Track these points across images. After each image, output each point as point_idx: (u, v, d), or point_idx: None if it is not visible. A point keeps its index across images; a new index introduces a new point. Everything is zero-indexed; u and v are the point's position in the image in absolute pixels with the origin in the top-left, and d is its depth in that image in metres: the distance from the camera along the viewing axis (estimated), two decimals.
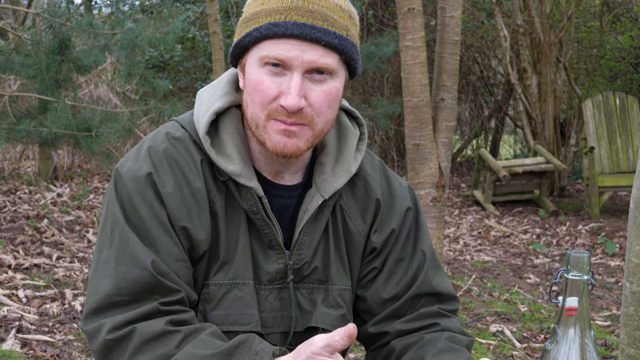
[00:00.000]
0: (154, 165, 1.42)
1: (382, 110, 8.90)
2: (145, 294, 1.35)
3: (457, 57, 4.60)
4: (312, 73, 1.37)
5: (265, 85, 1.37)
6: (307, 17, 1.35)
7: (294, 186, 1.52)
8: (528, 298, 4.90)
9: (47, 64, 5.37)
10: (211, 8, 6.33)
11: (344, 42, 1.38)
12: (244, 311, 1.46)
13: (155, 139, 1.48)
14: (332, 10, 1.38)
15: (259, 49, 1.37)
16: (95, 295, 1.37)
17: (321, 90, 1.38)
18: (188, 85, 10.59)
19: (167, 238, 1.39)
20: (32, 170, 8.90)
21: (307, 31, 1.34)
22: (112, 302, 1.35)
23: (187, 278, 1.41)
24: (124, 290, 1.35)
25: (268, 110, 1.38)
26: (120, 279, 1.35)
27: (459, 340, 1.52)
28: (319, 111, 1.39)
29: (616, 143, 8.48)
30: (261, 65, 1.38)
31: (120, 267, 1.36)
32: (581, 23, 10.82)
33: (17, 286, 4.39)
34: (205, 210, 1.42)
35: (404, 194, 1.61)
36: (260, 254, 1.49)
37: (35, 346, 3.51)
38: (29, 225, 5.90)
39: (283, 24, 1.35)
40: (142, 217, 1.39)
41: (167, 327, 1.32)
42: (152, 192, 1.40)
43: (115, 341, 1.32)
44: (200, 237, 1.42)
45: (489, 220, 7.92)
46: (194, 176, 1.43)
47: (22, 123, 5.50)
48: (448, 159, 4.60)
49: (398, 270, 1.57)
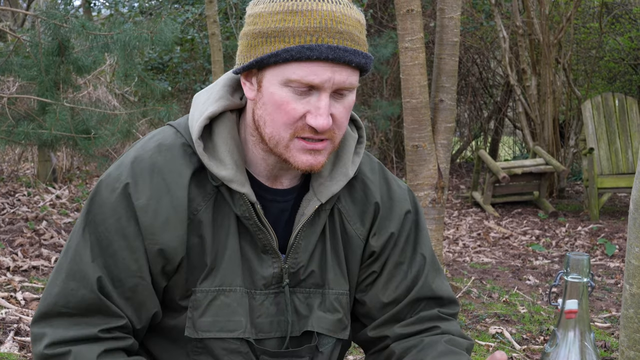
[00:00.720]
0: (134, 174, 1.42)
1: (381, 111, 8.90)
2: (90, 313, 1.40)
3: (456, 59, 4.60)
4: (336, 91, 1.38)
5: (291, 107, 1.35)
6: (337, 39, 1.33)
7: (290, 190, 1.51)
8: (527, 300, 4.90)
9: (46, 65, 5.36)
10: (210, 10, 6.32)
11: (368, 60, 1.39)
12: (231, 318, 1.45)
13: (143, 147, 1.47)
14: (355, 27, 1.37)
15: (286, 70, 1.34)
16: (45, 300, 1.42)
17: (343, 107, 1.39)
18: (187, 87, 10.59)
19: (127, 253, 1.40)
20: (31, 172, 8.89)
21: (341, 55, 1.33)
22: (59, 312, 1.41)
23: (143, 295, 1.43)
24: (70, 304, 1.40)
25: (293, 130, 1.37)
26: (68, 294, 1.40)
27: (458, 343, 1.51)
28: (340, 126, 1.40)
29: (615, 144, 8.48)
30: (286, 85, 1.35)
31: (70, 283, 1.40)
32: (580, 24, 10.82)
33: (16, 288, 4.39)
34: (183, 221, 1.42)
35: (403, 196, 1.60)
36: (255, 259, 1.48)
37: None
38: (28, 227, 5.89)
39: (317, 47, 1.32)
40: (109, 227, 1.40)
41: (100, 358, 1.37)
42: (125, 205, 1.40)
43: (50, 357, 1.38)
44: (175, 250, 1.42)
45: (488, 221, 7.92)
46: (177, 185, 1.42)
47: (21, 125, 5.49)
48: (447, 160, 4.60)
49: (397, 274, 1.56)
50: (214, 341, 1.45)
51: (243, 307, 1.46)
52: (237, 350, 1.46)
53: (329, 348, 1.55)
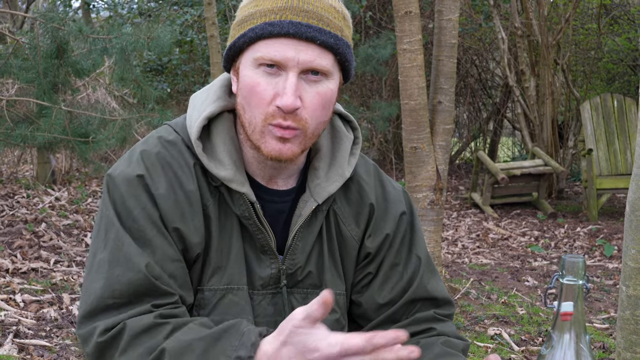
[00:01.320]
0: (146, 168, 1.42)
1: (380, 112, 8.90)
2: (139, 297, 1.34)
3: (455, 60, 4.60)
4: (307, 74, 1.37)
5: (262, 87, 1.36)
6: (302, 16, 1.35)
7: (288, 191, 1.52)
8: (526, 301, 4.90)
9: (44, 67, 5.37)
10: (209, 11, 6.33)
11: (339, 42, 1.38)
12: (239, 316, 1.45)
13: (147, 142, 1.47)
14: (326, 10, 1.38)
15: (254, 50, 1.37)
16: (88, 299, 1.36)
17: (315, 92, 1.37)
18: (186, 89, 10.60)
19: (162, 239, 1.38)
20: (30, 174, 8.90)
21: (303, 30, 1.34)
22: (105, 304, 1.34)
23: (184, 279, 1.41)
24: (117, 293, 1.33)
25: (265, 115, 1.37)
26: (114, 282, 1.34)
27: (454, 344, 1.52)
28: (312, 113, 1.38)
29: (614, 145, 8.48)
30: (256, 67, 1.37)
31: (114, 270, 1.34)
32: (579, 25, 10.83)
33: (15, 290, 4.39)
34: (198, 214, 1.42)
35: (398, 198, 1.60)
36: (254, 259, 1.49)
37: (32, 351, 3.51)
38: (27, 229, 5.89)
39: (279, 22, 1.34)
40: (136, 218, 1.38)
41: (156, 320, 1.30)
42: (145, 194, 1.39)
43: (107, 342, 1.31)
44: (194, 240, 1.42)
45: (487, 222, 7.92)
46: (187, 179, 1.42)
47: (19, 127, 5.49)
48: (446, 162, 4.60)
49: (393, 275, 1.57)
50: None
51: (249, 305, 1.47)
52: None
53: None
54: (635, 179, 1.90)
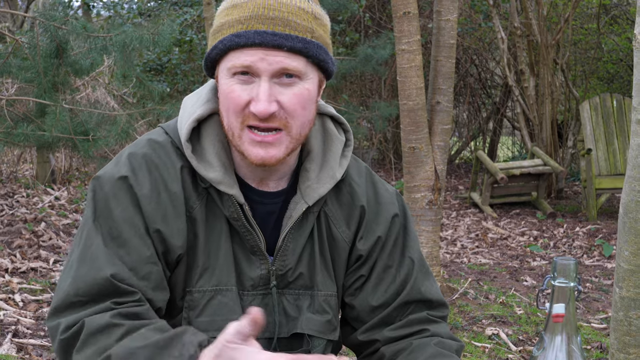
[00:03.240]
0: (132, 169, 1.44)
1: (380, 112, 8.89)
2: (102, 297, 1.36)
3: (453, 61, 4.62)
4: (280, 77, 1.38)
5: (236, 94, 1.39)
6: (267, 24, 1.36)
7: (278, 192, 1.53)
8: (524, 301, 4.91)
9: (44, 67, 5.38)
10: (208, 12, 6.34)
11: (308, 44, 1.39)
12: (229, 317, 1.46)
13: (137, 144, 1.50)
14: (293, 14, 1.39)
15: (226, 61, 1.40)
16: (56, 295, 1.40)
17: (292, 93, 1.39)
18: (186, 88, 10.60)
19: (139, 240, 1.40)
20: (29, 174, 8.90)
21: (269, 39, 1.36)
22: (70, 302, 1.37)
23: (157, 281, 1.42)
24: (81, 291, 1.36)
25: (242, 118, 1.39)
26: (79, 280, 1.37)
27: (448, 345, 1.52)
28: (292, 113, 1.40)
29: (613, 145, 8.49)
30: (230, 76, 1.40)
31: (81, 269, 1.38)
32: (578, 25, 10.83)
33: (14, 290, 4.40)
34: (181, 216, 1.44)
35: (390, 200, 1.61)
36: (244, 260, 1.50)
37: (31, 351, 3.52)
38: (27, 228, 5.90)
39: (244, 34, 1.36)
40: (116, 218, 1.41)
41: (112, 319, 1.32)
42: (128, 194, 1.42)
43: (68, 340, 1.34)
44: (176, 242, 1.43)
45: (486, 222, 7.93)
46: (173, 181, 1.44)
47: (19, 127, 5.50)
48: (444, 162, 4.62)
49: (386, 278, 1.58)
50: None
51: (239, 306, 1.48)
52: None
53: (319, 349, 1.57)
54: (629, 180, 1.91)
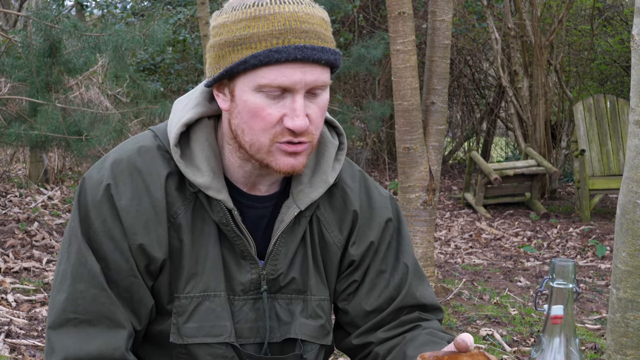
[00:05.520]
0: (114, 176, 1.42)
1: (373, 112, 8.88)
2: (99, 318, 1.38)
3: (448, 61, 4.62)
4: (312, 90, 1.37)
5: (267, 112, 1.35)
6: (304, 37, 1.33)
7: (269, 196, 1.51)
8: (518, 301, 4.91)
9: (37, 66, 5.35)
10: (202, 11, 6.32)
11: (337, 55, 1.38)
12: (217, 323, 1.46)
13: (123, 147, 1.48)
14: (320, 25, 1.37)
15: (256, 76, 1.34)
16: (52, 309, 1.41)
17: (317, 106, 1.38)
18: (179, 88, 10.58)
19: (118, 254, 1.40)
20: (22, 173, 8.87)
21: (309, 53, 1.33)
22: (67, 318, 1.38)
23: (138, 294, 1.43)
24: (80, 309, 1.38)
25: (272, 135, 1.37)
26: (77, 297, 1.39)
27: (440, 335, 1.52)
28: (317, 126, 1.40)
29: (607, 146, 8.51)
30: (257, 91, 1.35)
31: (78, 285, 1.39)
32: (572, 26, 10.85)
33: (7, 290, 4.38)
34: (163, 223, 1.42)
35: (384, 204, 1.59)
36: (233, 265, 1.48)
37: (24, 351, 3.50)
38: (19, 228, 5.88)
39: (284, 49, 1.32)
40: (96, 231, 1.41)
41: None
42: (108, 205, 1.41)
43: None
44: (156, 254, 1.42)
45: (480, 222, 7.94)
46: (155, 187, 1.42)
47: (12, 126, 5.47)
48: (438, 162, 4.62)
49: (379, 283, 1.56)
50: (200, 347, 1.45)
51: (227, 312, 1.47)
52: (222, 355, 1.47)
53: (312, 354, 1.56)
54: (626, 182, 1.91)
